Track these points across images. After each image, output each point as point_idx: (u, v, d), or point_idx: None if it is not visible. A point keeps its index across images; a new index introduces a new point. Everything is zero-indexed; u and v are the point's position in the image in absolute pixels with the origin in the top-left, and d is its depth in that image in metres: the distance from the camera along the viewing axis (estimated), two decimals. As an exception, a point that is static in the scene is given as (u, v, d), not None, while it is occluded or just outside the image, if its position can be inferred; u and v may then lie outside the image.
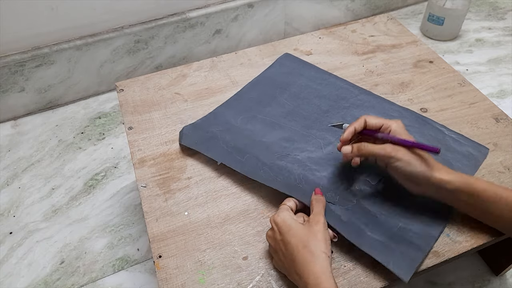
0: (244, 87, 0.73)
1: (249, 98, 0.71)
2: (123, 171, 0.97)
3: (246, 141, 0.63)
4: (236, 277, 0.49)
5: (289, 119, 0.67)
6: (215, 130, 0.65)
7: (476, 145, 0.61)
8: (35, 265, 0.80)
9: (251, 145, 0.62)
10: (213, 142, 0.63)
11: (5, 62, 1.00)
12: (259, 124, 0.66)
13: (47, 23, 1.00)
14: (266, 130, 0.65)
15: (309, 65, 0.77)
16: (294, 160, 0.60)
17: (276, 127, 0.65)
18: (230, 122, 0.66)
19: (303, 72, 0.75)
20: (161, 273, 0.49)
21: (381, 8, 1.43)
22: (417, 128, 0.63)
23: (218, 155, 0.61)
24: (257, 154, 0.60)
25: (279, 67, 0.77)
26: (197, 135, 0.64)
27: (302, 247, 0.45)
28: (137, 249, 0.82)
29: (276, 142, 0.63)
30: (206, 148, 0.62)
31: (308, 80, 0.73)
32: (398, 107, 0.67)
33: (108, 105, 1.15)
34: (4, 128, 1.09)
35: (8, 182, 0.95)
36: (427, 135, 0.62)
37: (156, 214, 0.55)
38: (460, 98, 0.70)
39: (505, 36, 1.31)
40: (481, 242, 0.51)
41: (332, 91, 0.71)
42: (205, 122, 0.67)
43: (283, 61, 0.78)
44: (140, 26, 1.09)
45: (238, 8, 1.17)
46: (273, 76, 0.75)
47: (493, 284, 0.74)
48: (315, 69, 0.76)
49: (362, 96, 0.70)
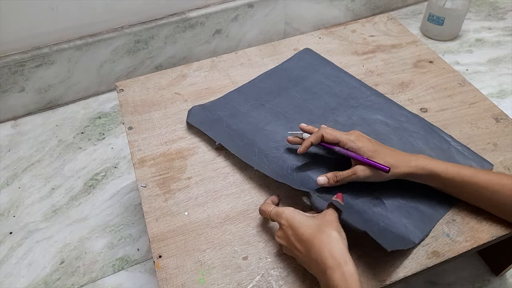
0: (259, 75, 0.75)
1: (261, 87, 0.73)
2: (123, 171, 0.97)
3: (249, 126, 0.65)
4: (236, 277, 0.49)
5: (296, 111, 0.68)
6: (221, 113, 0.67)
7: (480, 159, 0.60)
8: (35, 265, 0.80)
9: (252, 131, 0.64)
10: (217, 124, 0.65)
11: (5, 62, 1.00)
12: (266, 112, 0.68)
13: (47, 23, 1.00)
14: (270, 119, 0.67)
15: (327, 62, 0.78)
16: (291, 150, 0.61)
17: (281, 117, 0.67)
18: (237, 107, 0.69)
19: (319, 68, 0.76)
20: (161, 273, 0.49)
21: (381, 8, 1.43)
22: (422, 135, 0.63)
23: (218, 136, 0.63)
24: (256, 140, 0.63)
25: (297, 60, 0.78)
26: (203, 116, 0.67)
27: (318, 232, 0.45)
28: (137, 249, 0.82)
29: (278, 131, 0.64)
30: (209, 128, 0.65)
31: (322, 76, 0.74)
32: (407, 112, 0.67)
33: (108, 105, 1.15)
34: (4, 128, 1.09)
35: (8, 182, 0.95)
36: (431, 144, 0.62)
37: (156, 214, 0.55)
38: (460, 98, 0.70)
39: (505, 36, 1.31)
40: (481, 242, 0.51)
41: (344, 89, 0.71)
42: (214, 105, 0.69)
43: (302, 56, 0.79)
44: (140, 26, 1.09)
45: (238, 8, 1.17)
46: (289, 69, 0.76)
47: (493, 284, 0.74)
48: (331, 66, 0.77)
49: (373, 97, 0.70)
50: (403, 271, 0.49)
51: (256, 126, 0.65)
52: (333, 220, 0.46)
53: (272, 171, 0.57)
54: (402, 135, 0.63)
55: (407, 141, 0.62)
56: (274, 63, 0.78)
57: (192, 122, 0.66)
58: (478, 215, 0.53)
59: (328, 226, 0.45)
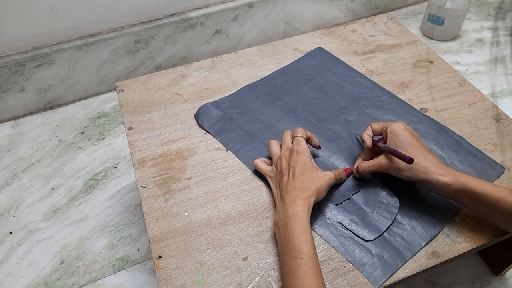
0: (271, 73, 0.76)
1: (273, 85, 0.74)
2: (123, 171, 0.97)
3: (259, 124, 0.67)
4: (236, 277, 0.49)
5: (306, 109, 0.69)
6: (233, 111, 0.69)
7: (492, 162, 0.59)
8: (35, 265, 0.80)
9: (263, 130, 0.66)
10: (228, 124, 0.66)
11: (5, 62, 1.00)
12: (276, 109, 0.69)
13: (47, 23, 1.00)
14: (281, 116, 0.68)
15: (339, 61, 0.78)
16: None
17: (292, 115, 0.68)
18: (248, 105, 0.70)
19: (331, 67, 0.76)
20: (161, 274, 0.49)
21: (381, 8, 1.43)
22: (433, 136, 0.63)
23: (228, 139, 0.64)
24: (267, 138, 0.63)
25: (309, 59, 0.78)
26: (214, 115, 0.68)
27: (309, 171, 0.52)
28: (137, 249, 0.82)
29: (288, 129, 0.63)
30: (220, 130, 0.65)
31: (334, 75, 0.75)
32: (419, 113, 0.67)
33: (108, 105, 1.15)
34: (4, 128, 1.09)
35: (8, 182, 0.95)
36: (443, 144, 0.62)
37: (156, 214, 0.55)
38: (460, 98, 0.70)
39: (505, 36, 1.31)
40: (481, 242, 0.51)
41: (355, 89, 0.72)
42: (225, 102, 0.70)
43: (314, 54, 0.80)
44: (140, 26, 1.09)
45: (238, 8, 1.17)
46: (301, 67, 0.77)
47: (493, 284, 0.74)
48: (343, 66, 0.77)
49: (384, 97, 0.70)
50: (403, 271, 0.49)
51: (266, 124, 0.67)
52: (325, 175, 0.53)
53: None
54: None
55: None
56: (274, 63, 0.78)
57: (202, 123, 0.67)
58: (478, 215, 0.53)
59: (319, 178, 0.52)
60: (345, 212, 0.54)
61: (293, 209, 0.48)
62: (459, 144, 0.62)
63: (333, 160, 0.61)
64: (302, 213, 0.47)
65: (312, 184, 0.51)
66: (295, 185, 0.51)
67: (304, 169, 0.52)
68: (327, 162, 0.60)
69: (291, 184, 0.51)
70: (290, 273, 0.44)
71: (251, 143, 0.63)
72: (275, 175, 0.55)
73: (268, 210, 0.55)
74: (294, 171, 0.52)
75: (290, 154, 0.54)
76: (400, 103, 0.69)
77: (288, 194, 0.50)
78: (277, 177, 0.54)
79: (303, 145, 0.55)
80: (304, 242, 0.45)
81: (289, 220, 0.47)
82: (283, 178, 0.53)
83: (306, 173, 0.52)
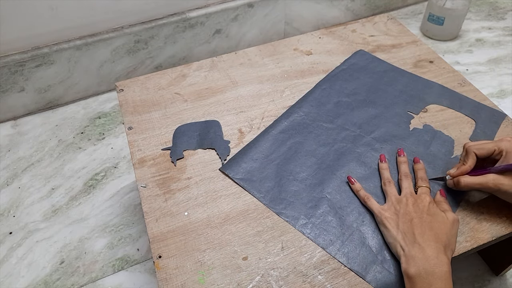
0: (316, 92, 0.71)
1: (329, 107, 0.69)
2: (123, 171, 0.97)
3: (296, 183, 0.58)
4: (236, 277, 0.49)
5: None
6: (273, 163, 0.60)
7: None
8: (35, 265, 0.80)
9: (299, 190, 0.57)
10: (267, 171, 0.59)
11: (5, 62, 1.00)
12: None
13: (47, 23, 1.00)
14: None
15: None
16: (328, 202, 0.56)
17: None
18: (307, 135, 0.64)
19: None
20: (161, 273, 0.49)
21: (381, 8, 1.43)
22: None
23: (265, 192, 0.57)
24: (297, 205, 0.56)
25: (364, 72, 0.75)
26: (251, 169, 0.60)
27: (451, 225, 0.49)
28: (137, 249, 0.82)
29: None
30: (254, 183, 0.58)
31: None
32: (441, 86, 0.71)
33: (108, 105, 1.15)
34: (4, 128, 1.09)
35: (8, 182, 0.95)
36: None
37: (156, 214, 0.55)
38: (460, 98, 0.70)
39: (505, 36, 1.31)
40: (481, 242, 0.51)
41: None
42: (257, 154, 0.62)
43: (357, 59, 0.78)
44: (140, 26, 1.09)
45: (238, 8, 1.17)
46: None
47: (493, 284, 0.74)
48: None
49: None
50: (403, 271, 0.49)
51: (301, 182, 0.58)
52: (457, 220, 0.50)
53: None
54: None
55: None
56: (274, 63, 0.78)
57: (234, 177, 0.59)
58: (478, 215, 0.53)
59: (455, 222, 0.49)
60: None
61: (441, 269, 0.44)
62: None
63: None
64: (449, 274, 0.44)
65: (450, 237, 0.47)
66: (432, 234, 0.47)
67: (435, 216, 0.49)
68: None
69: (427, 233, 0.47)
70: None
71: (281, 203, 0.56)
72: (395, 216, 0.51)
73: (268, 210, 0.55)
74: (425, 218, 0.48)
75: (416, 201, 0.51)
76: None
77: (429, 246, 0.46)
78: (400, 219, 0.50)
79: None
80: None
81: (435, 281, 0.43)
82: (413, 221, 0.49)
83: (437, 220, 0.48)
